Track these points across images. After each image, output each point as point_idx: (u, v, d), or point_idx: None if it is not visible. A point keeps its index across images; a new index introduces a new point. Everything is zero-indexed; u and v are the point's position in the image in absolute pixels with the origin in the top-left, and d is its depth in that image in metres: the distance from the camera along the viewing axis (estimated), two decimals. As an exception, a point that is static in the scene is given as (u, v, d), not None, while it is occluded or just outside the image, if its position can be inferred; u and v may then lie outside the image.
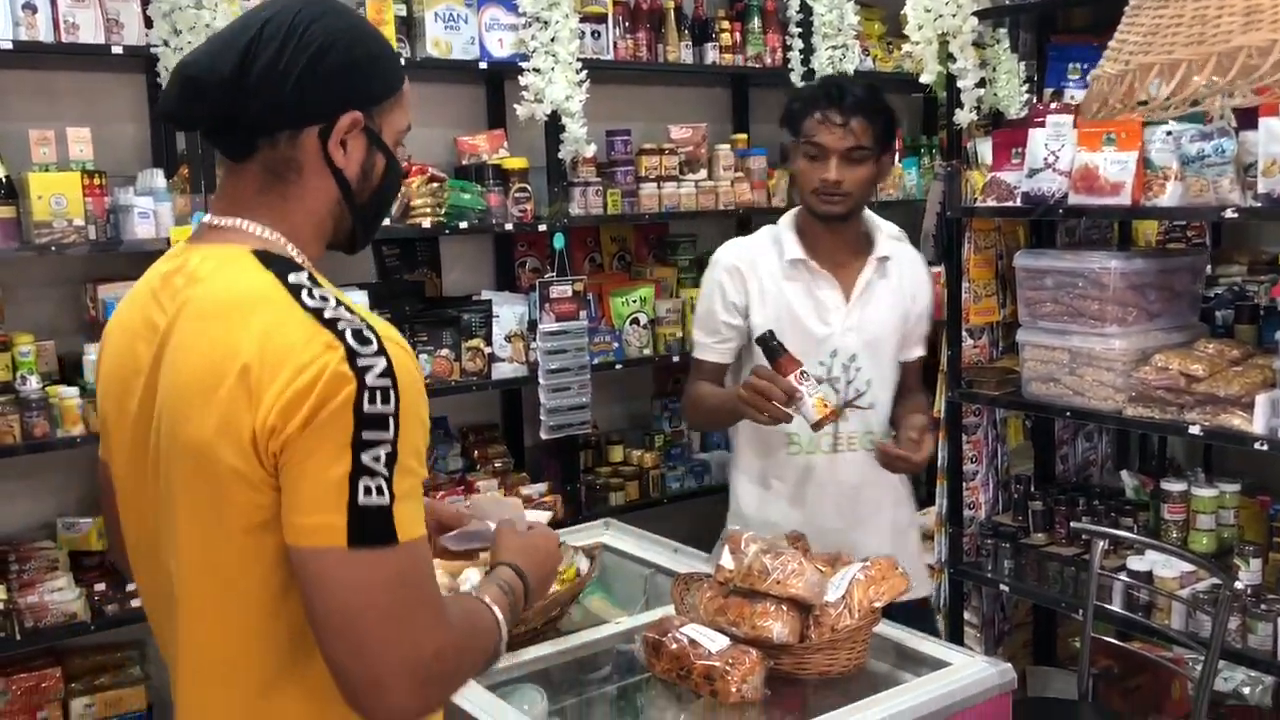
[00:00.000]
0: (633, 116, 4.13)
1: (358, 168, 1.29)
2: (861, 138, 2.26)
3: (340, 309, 1.17)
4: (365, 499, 1.10)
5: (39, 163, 2.91)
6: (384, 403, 1.12)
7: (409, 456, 1.14)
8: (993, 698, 1.81)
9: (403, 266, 3.84)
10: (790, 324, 2.34)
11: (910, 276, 2.44)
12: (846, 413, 2.37)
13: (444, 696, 1.21)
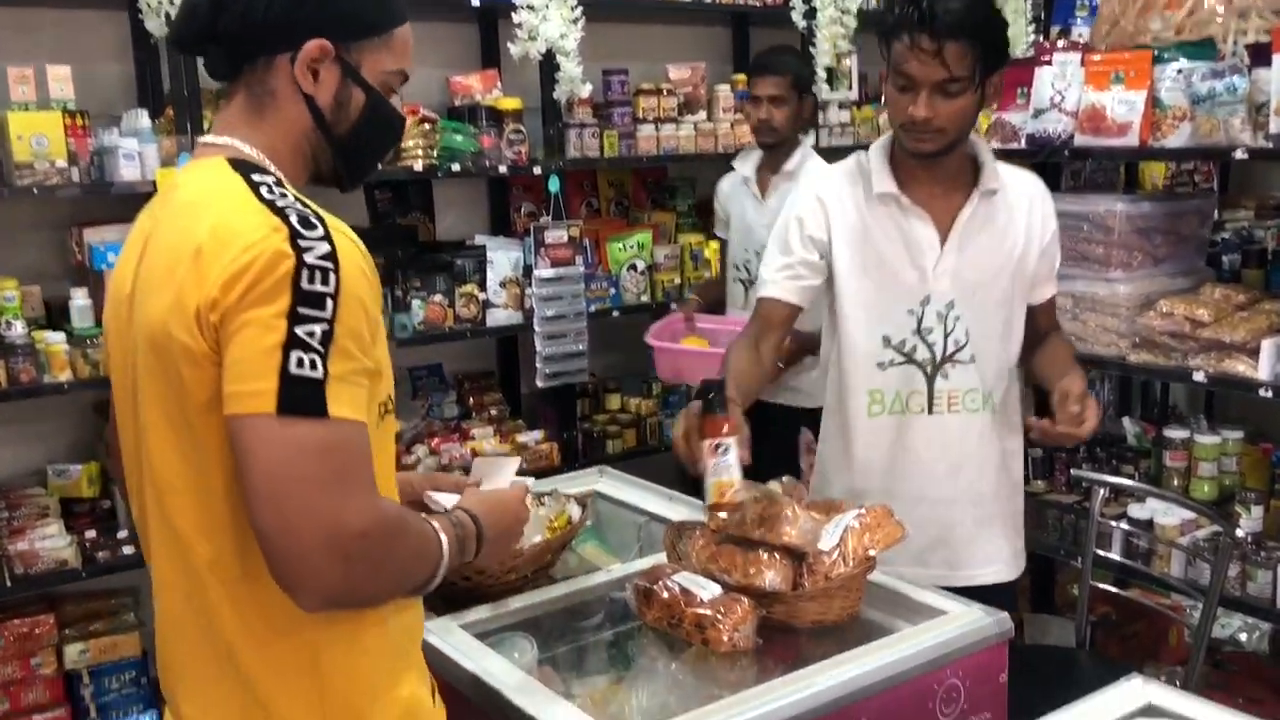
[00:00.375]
0: (630, 56, 4.04)
1: (330, 98, 1.32)
2: (957, 67, 1.90)
3: (295, 202, 1.21)
4: (296, 369, 1.13)
5: (18, 101, 2.84)
6: (323, 283, 1.15)
7: (347, 339, 1.16)
8: (989, 646, 1.77)
9: (395, 210, 3.78)
10: (876, 267, 2.09)
11: (1028, 208, 2.11)
12: (947, 369, 2.10)
13: (368, 585, 1.21)
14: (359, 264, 1.21)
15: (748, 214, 3.39)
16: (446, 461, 3.48)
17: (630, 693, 1.74)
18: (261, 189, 1.22)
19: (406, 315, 3.43)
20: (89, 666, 3.14)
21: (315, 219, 1.20)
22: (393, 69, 1.35)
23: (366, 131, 1.35)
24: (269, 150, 1.32)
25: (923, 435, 2.13)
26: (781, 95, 3.24)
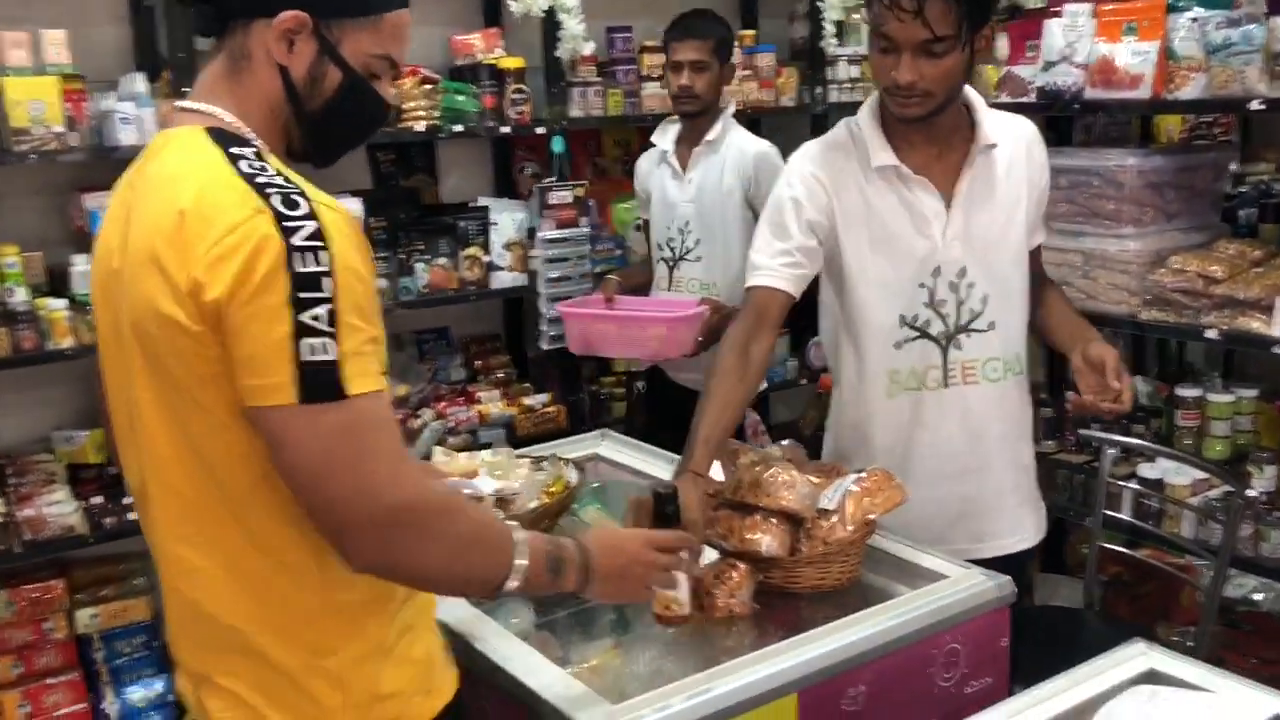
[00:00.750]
0: (635, 13, 3.97)
1: (304, 72, 1.29)
2: (940, 25, 1.78)
3: (276, 177, 1.20)
4: (309, 357, 1.14)
5: (14, 67, 2.81)
6: (316, 262, 1.15)
7: (350, 313, 1.17)
8: (990, 611, 1.75)
9: (398, 172, 3.74)
10: (885, 243, 1.98)
11: (1026, 156, 2.03)
12: (962, 340, 2.00)
13: (416, 560, 1.24)
14: (347, 235, 1.20)
15: (668, 190, 3.25)
16: (454, 425, 3.47)
17: (628, 658, 1.73)
18: (241, 163, 1.21)
19: (410, 278, 3.41)
20: (100, 631, 3.16)
21: (298, 195, 1.19)
22: (377, 53, 1.31)
23: (340, 111, 1.32)
24: (244, 117, 1.30)
25: (938, 410, 2.03)
26: (704, 60, 3.07)
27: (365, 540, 1.20)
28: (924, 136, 1.97)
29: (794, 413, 4.21)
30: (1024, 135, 2.05)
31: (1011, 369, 2.06)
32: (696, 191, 3.19)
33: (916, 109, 1.88)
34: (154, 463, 1.28)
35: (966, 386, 2.02)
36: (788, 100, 4.08)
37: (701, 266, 3.22)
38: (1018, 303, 2.05)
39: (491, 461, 2.08)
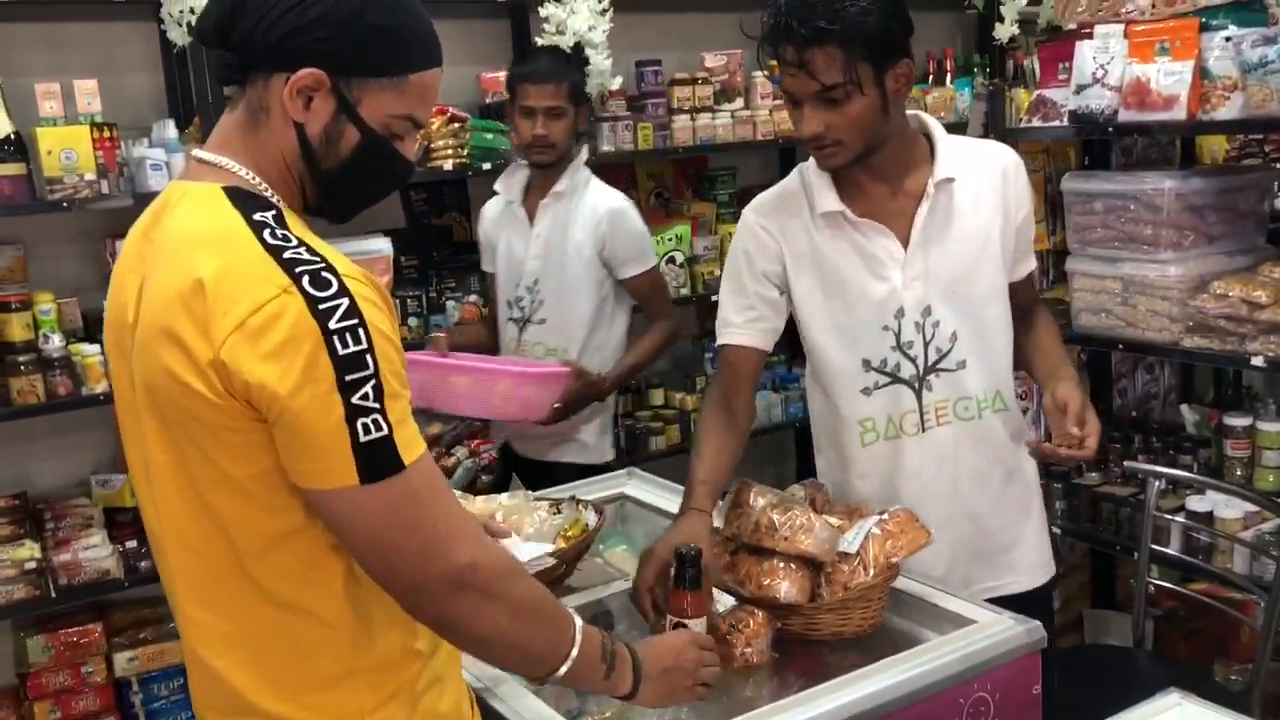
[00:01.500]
0: (666, 46, 3.97)
1: (320, 130, 1.25)
2: (826, 74, 1.72)
3: (301, 249, 1.18)
4: (366, 437, 1.15)
5: (46, 117, 2.86)
6: (355, 341, 1.15)
7: (392, 381, 1.17)
8: (1020, 657, 1.69)
9: (430, 211, 3.75)
10: (839, 288, 1.93)
11: (1000, 185, 1.93)
12: (931, 380, 1.94)
13: (482, 621, 1.25)
14: (375, 303, 1.20)
15: (514, 244, 3.02)
16: (486, 462, 3.45)
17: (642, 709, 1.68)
18: (265, 232, 1.18)
19: (441, 316, 3.40)
20: (138, 674, 3.17)
21: (326, 270, 1.16)
22: (399, 113, 1.27)
23: (355, 171, 1.29)
24: (259, 170, 1.27)
25: (918, 456, 1.96)
26: (559, 106, 2.85)
27: (432, 599, 1.22)
28: (870, 178, 1.91)
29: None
30: (997, 163, 1.96)
31: (989, 406, 1.97)
32: (544, 247, 2.96)
33: (837, 158, 1.83)
34: (169, 520, 1.27)
35: (940, 429, 1.96)
36: (821, 129, 4.03)
37: (549, 329, 2.98)
38: (995, 339, 1.97)
39: (508, 505, 2.04)
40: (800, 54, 1.73)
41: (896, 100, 1.83)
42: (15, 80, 2.88)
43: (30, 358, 2.88)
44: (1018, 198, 1.97)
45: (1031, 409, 3.07)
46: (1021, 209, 1.99)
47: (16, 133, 2.81)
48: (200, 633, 1.29)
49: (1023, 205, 1.99)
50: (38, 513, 3.11)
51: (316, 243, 1.21)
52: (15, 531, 3.01)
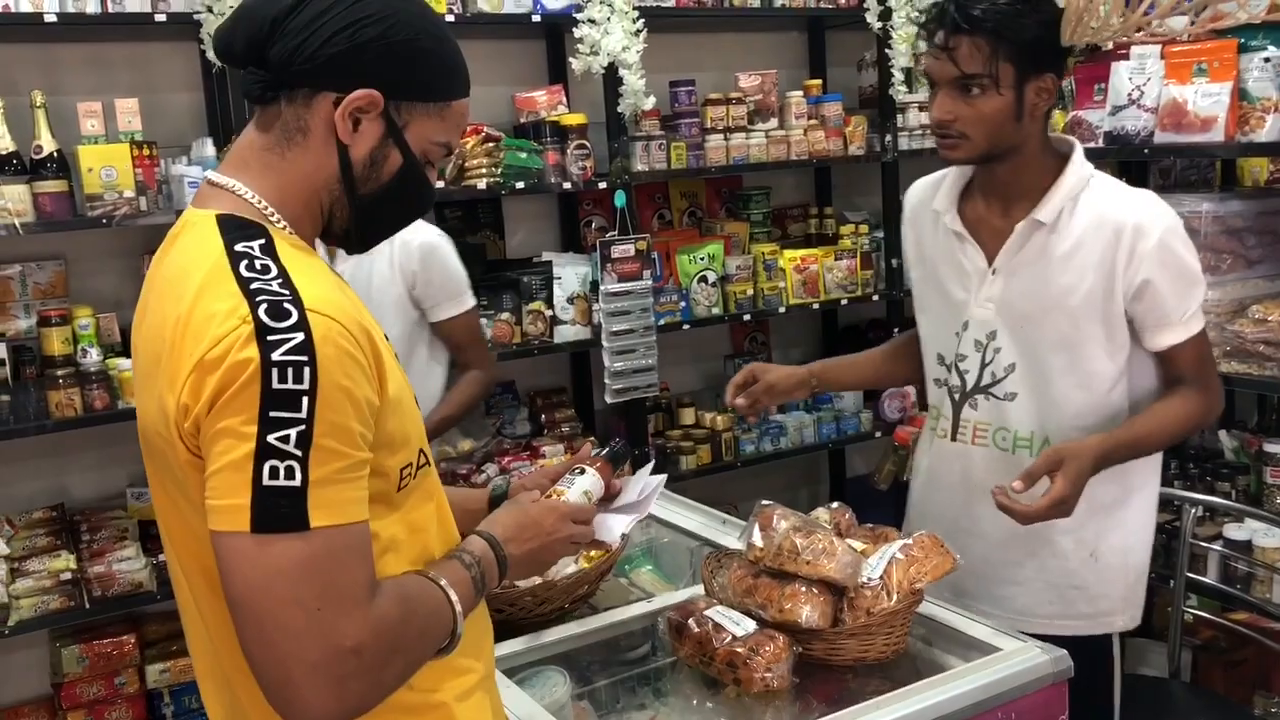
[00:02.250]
0: (701, 65, 3.98)
1: (365, 153, 1.23)
2: (968, 64, 1.80)
3: (272, 280, 1.11)
4: (270, 481, 1.04)
5: (88, 135, 2.91)
6: (295, 379, 1.05)
7: (329, 437, 1.07)
8: (1046, 687, 1.66)
9: (465, 229, 3.77)
10: (935, 283, 2.05)
11: (1103, 239, 1.86)
12: (978, 400, 1.98)
13: (373, 695, 1.12)
14: (343, 348, 1.10)
15: None
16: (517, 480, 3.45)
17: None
18: (242, 264, 1.12)
19: (474, 334, 3.41)
20: (170, 686, 3.20)
21: (290, 302, 1.09)
22: (440, 140, 1.27)
23: (392, 197, 1.27)
24: (278, 194, 1.22)
25: (941, 461, 2.05)
26: None
27: (315, 689, 1.06)
28: (985, 191, 1.98)
29: (869, 466, 4.12)
30: (1118, 220, 1.86)
31: (1027, 446, 1.97)
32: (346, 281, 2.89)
33: (957, 152, 1.89)
34: (173, 562, 1.25)
35: (973, 446, 2.01)
36: (856, 149, 4.03)
37: None
38: (1054, 388, 1.95)
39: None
40: (949, 37, 1.82)
41: (1033, 113, 1.87)
42: (59, 99, 2.94)
43: (69, 371, 2.93)
44: (1133, 263, 1.86)
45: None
46: (1141, 276, 1.86)
47: (59, 151, 2.87)
48: (195, 663, 1.29)
49: (1144, 273, 1.86)
50: (74, 524, 3.15)
51: (303, 272, 1.14)
52: (53, 542, 3.05)
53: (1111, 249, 1.87)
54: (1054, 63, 1.87)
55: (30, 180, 2.82)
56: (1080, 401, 1.94)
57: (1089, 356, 1.92)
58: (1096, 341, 1.91)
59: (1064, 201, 1.90)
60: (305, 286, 1.12)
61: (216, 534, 1.07)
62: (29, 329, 3.05)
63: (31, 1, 2.80)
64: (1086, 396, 1.94)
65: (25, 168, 2.84)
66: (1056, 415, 1.95)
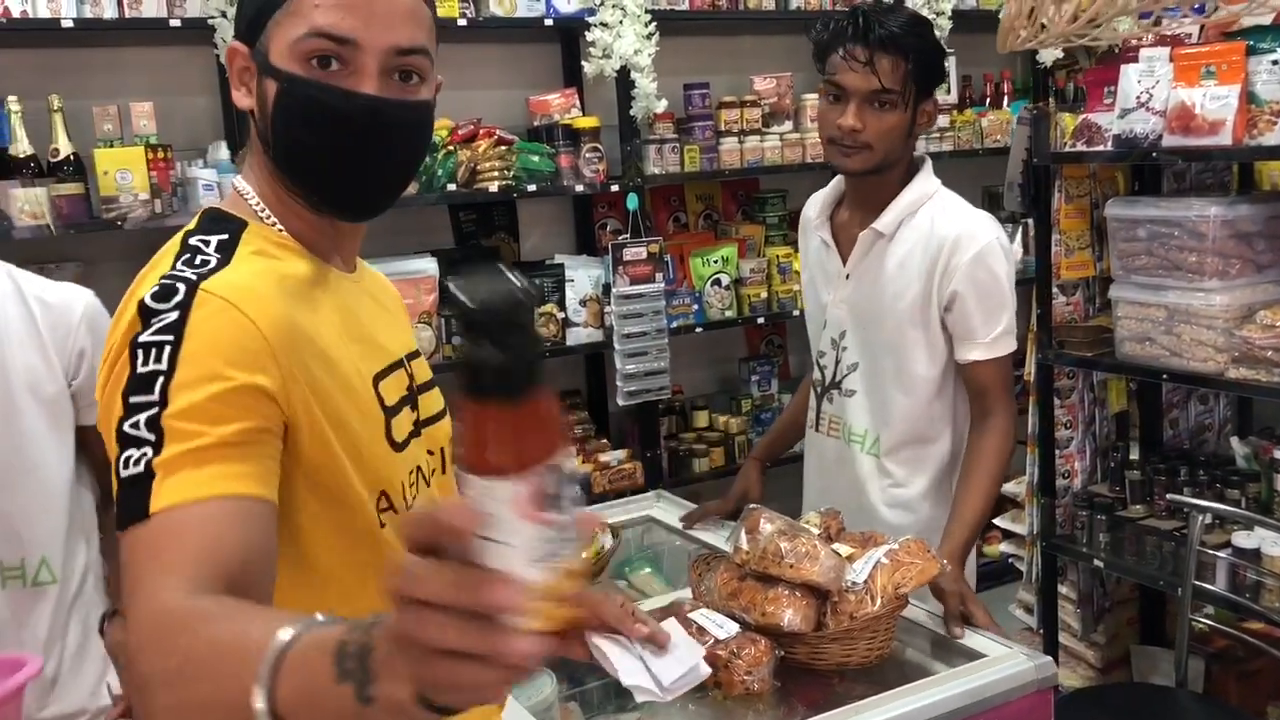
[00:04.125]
0: (715, 68, 3.98)
1: (258, 105, 1.13)
2: (889, 79, 1.95)
3: (191, 267, 1.06)
4: (125, 471, 0.96)
5: (103, 138, 2.96)
6: (156, 359, 0.98)
7: (186, 418, 0.97)
8: (1030, 694, 1.65)
9: (479, 232, 3.79)
10: (809, 282, 2.29)
11: (933, 258, 2.01)
12: (833, 394, 2.21)
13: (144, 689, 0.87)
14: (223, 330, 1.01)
15: None
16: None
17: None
18: (184, 257, 1.08)
19: (485, 336, 3.43)
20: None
21: (184, 283, 1.02)
22: (299, 34, 1.08)
23: (284, 125, 1.11)
24: (261, 192, 1.19)
25: (812, 448, 2.30)
26: None
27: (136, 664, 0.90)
28: (853, 199, 2.16)
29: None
30: (942, 235, 2.01)
31: (860, 443, 2.17)
32: None
33: (856, 161, 2.01)
34: None
35: (827, 437, 2.24)
36: (872, 152, 4.00)
37: None
38: (891, 391, 2.10)
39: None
40: (871, 52, 1.95)
41: (916, 132, 2.07)
42: (75, 103, 2.98)
43: (84, 371, 2.97)
44: (948, 274, 2.01)
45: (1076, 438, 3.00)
46: (951, 287, 2.01)
47: (76, 154, 2.91)
48: None
49: (955, 284, 2.01)
50: (91, 521, 3.20)
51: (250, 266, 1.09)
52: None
53: (934, 261, 2.02)
54: (934, 88, 2.05)
55: (48, 183, 2.87)
56: (904, 405, 2.10)
57: (912, 360, 2.07)
58: (919, 347, 2.06)
59: (903, 214, 2.06)
60: (222, 274, 1.06)
61: None
62: (47, 329, 3.09)
63: (49, 8, 2.85)
64: (909, 401, 2.09)
65: (43, 171, 2.89)
66: (885, 416, 2.12)
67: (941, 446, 2.12)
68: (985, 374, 2.05)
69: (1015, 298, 2.07)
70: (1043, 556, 3.04)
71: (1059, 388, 3.01)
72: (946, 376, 2.09)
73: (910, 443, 2.11)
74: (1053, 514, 2.99)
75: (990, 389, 2.05)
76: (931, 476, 2.12)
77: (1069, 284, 2.94)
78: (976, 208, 2.11)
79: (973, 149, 4.29)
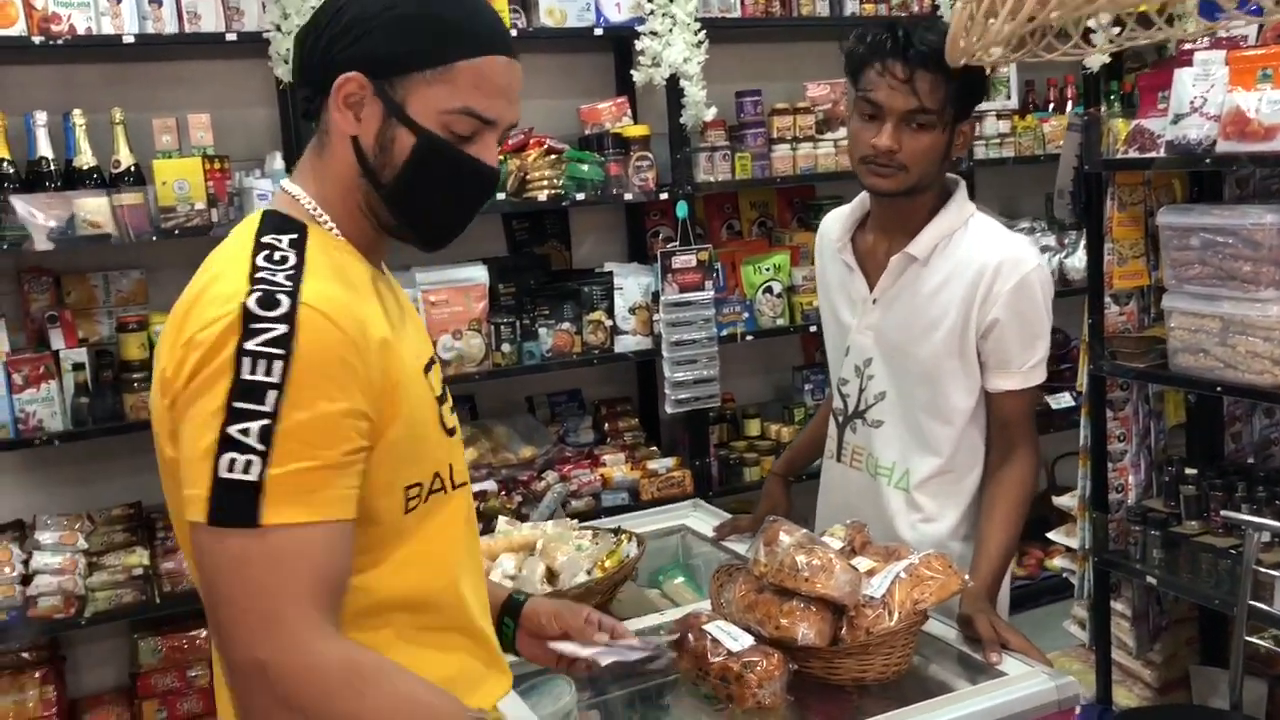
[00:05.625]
0: (770, 76, 3.96)
1: (372, 140, 1.20)
2: (928, 99, 1.84)
3: (281, 272, 1.12)
4: (227, 473, 1.04)
5: (162, 150, 3.05)
6: (266, 371, 1.05)
7: (295, 438, 1.06)
8: (1051, 715, 1.61)
9: (532, 240, 3.83)
10: (829, 305, 2.17)
11: (971, 282, 1.92)
12: (856, 424, 2.09)
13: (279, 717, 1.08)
14: (330, 347, 1.09)
15: None
16: (575, 488, 3.49)
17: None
18: (261, 255, 1.14)
19: (534, 343, 3.47)
20: (239, 680, 3.30)
21: (286, 292, 1.09)
22: (453, 108, 1.18)
23: (417, 179, 1.20)
24: (321, 194, 1.24)
25: (829, 479, 2.20)
26: None
27: (239, 687, 1.08)
28: (881, 220, 2.03)
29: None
30: (982, 260, 1.92)
31: (888, 476, 2.06)
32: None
33: (889, 182, 1.91)
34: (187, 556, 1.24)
35: (851, 469, 2.13)
36: (929, 158, 3.95)
37: None
38: (918, 421, 2.01)
39: (551, 533, 2.07)
40: (911, 69, 1.84)
41: (952, 154, 1.95)
42: (136, 115, 3.08)
43: (144, 375, 3.06)
44: (988, 301, 1.92)
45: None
46: (992, 314, 1.92)
47: (136, 164, 3.01)
48: None
49: (995, 312, 1.92)
50: (151, 522, 3.29)
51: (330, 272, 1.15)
52: (129, 539, 3.19)
53: (973, 287, 1.92)
54: (973, 109, 1.95)
55: (109, 193, 2.96)
56: (939, 435, 2.00)
57: (949, 391, 1.98)
58: (957, 376, 1.97)
59: (938, 238, 1.96)
60: (313, 282, 1.12)
61: (190, 523, 1.08)
62: (110, 335, 3.19)
63: (113, 24, 2.95)
64: (945, 431, 2.00)
65: (105, 181, 2.99)
66: (916, 447, 2.02)
67: (973, 479, 2.03)
68: (1015, 405, 1.98)
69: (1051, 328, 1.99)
70: (1095, 572, 2.97)
71: (1112, 399, 2.93)
72: (980, 407, 2.00)
73: (942, 475, 2.02)
74: (1105, 529, 2.92)
75: (1017, 421, 1.98)
76: (963, 510, 2.03)
77: (1122, 293, 2.87)
78: (1015, 231, 2.06)
79: (1034, 155, 4.20)
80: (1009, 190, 4.55)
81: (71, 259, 3.18)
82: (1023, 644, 1.75)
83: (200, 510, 1.05)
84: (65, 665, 3.25)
